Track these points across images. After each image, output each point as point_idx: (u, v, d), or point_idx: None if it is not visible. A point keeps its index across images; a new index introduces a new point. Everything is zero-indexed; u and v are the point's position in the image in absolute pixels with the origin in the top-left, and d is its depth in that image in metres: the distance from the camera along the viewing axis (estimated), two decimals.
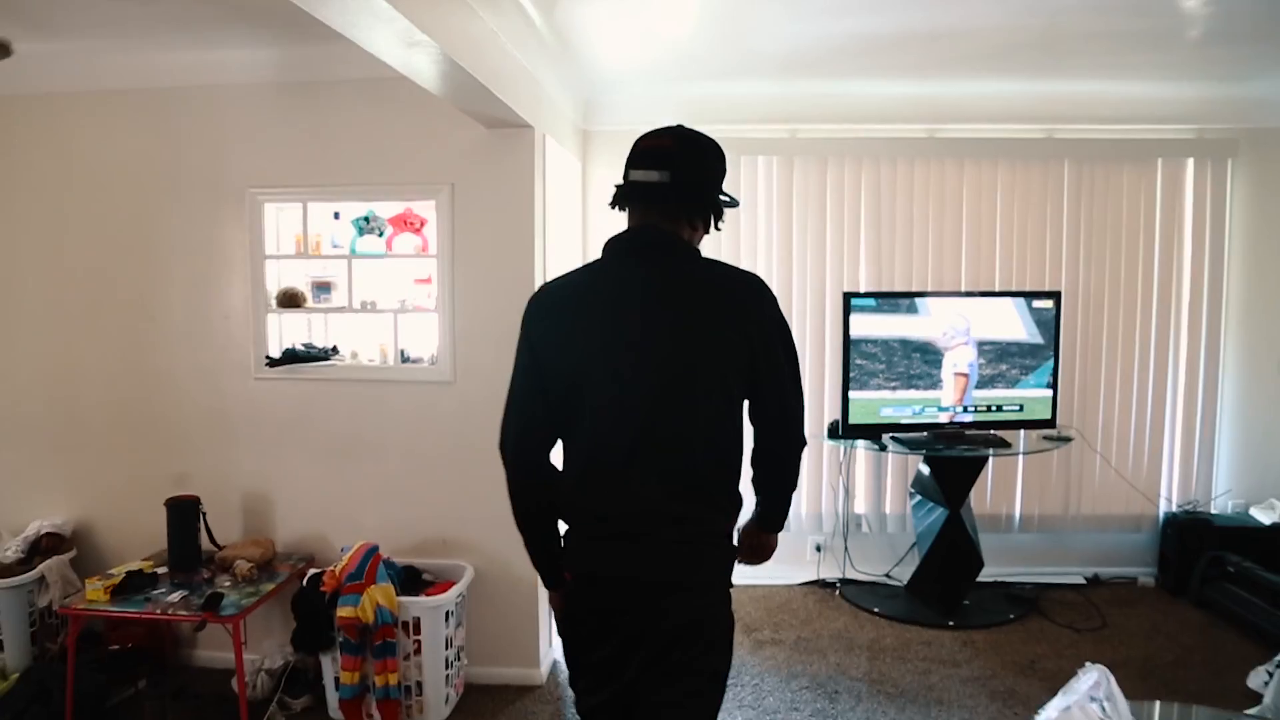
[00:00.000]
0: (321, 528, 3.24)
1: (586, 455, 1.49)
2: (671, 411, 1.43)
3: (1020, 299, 3.80)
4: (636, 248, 1.51)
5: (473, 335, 3.10)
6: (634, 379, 1.44)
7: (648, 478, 1.44)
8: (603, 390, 1.45)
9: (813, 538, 4.22)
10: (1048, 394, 3.83)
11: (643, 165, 1.50)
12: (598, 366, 1.46)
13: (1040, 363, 3.79)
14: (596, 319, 1.47)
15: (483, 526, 3.15)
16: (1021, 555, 4.21)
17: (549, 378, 1.51)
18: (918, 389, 3.75)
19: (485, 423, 3.10)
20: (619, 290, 1.48)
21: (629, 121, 4.01)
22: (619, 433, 1.44)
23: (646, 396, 1.43)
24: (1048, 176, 4.03)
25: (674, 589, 1.46)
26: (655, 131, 1.55)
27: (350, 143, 3.12)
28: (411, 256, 3.15)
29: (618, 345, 1.45)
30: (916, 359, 3.73)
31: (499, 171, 3.04)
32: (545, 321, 1.53)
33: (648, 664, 1.45)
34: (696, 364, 1.43)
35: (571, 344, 1.48)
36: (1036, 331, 3.78)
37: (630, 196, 1.52)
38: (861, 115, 4.00)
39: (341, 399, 3.18)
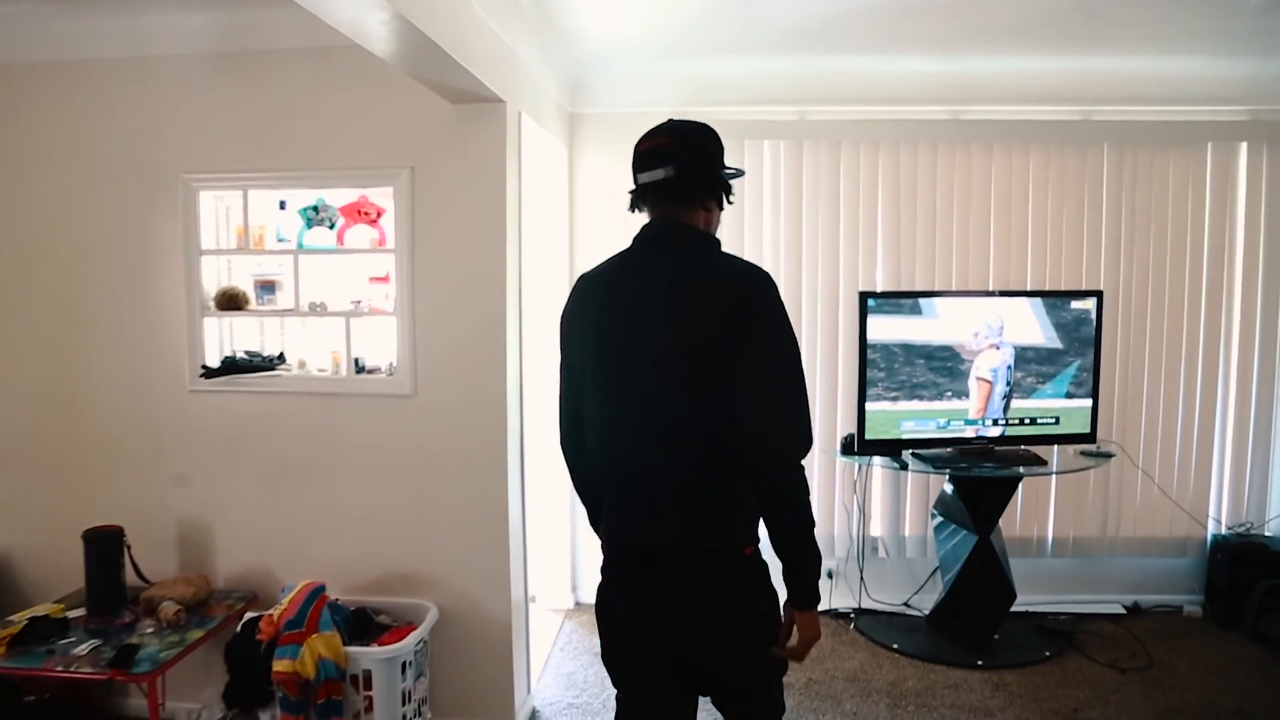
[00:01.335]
0: (266, 561, 2.85)
1: (598, 426, 1.62)
2: (672, 394, 1.51)
3: (1057, 299, 3.39)
4: (652, 238, 1.61)
5: (436, 341, 2.70)
6: (626, 359, 1.55)
7: (654, 447, 1.53)
8: (604, 368, 1.58)
9: (824, 562, 3.80)
10: (1087, 405, 3.43)
11: (646, 166, 1.60)
12: (598, 346, 1.59)
13: (1077, 370, 3.38)
14: (608, 305, 1.59)
15: (449, 560, 2.76)
16: (1054, 582, 3.82)
17: (571, 361, 1.67)
18: (942, 400, 3.35)
19: (451, 441, 2.71)
20: (632, 279, 1.59)
21: (620, 103, 3.68)
22: (617, 408, 1.57)
23: (648, 379, 1.53)
24: (1085, 163, 3.64)
25: (699, 554, 1.54)
26: (650, 133, 1.63)
27: (296, 121, 2.73)
28: (366, 251, 2.76)
29: (614, 328, 1.57)
30: (940, 366, 3.33)
31: (466, 153, 2.65)
32: (574, 306, 1.67)
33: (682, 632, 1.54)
34: (695, 349, 1.49)
35: (586, 325, 1.61)
36: (1075, 335, 3.38)
37: (644, 197, 1.64)
38: (878, 95, 3.61)
39: (288, 414, 2.79)
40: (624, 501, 1.60)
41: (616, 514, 1.62)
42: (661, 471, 1.53)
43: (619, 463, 1.59)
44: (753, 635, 1.57)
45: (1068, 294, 3.42)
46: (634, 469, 1.56)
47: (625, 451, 1.57)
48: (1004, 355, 3.35)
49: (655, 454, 1.53)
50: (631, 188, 1.66)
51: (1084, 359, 3.38)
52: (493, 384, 2.69)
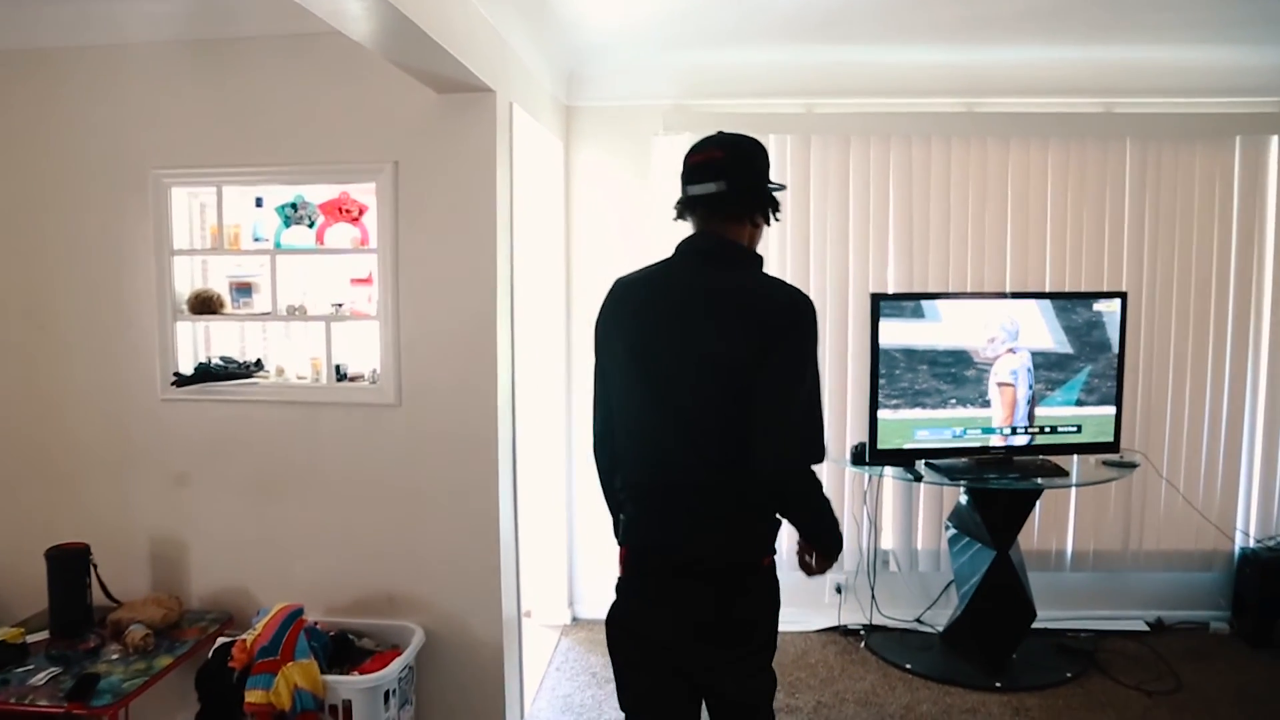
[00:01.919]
0: (243, 580, 2.69)
1: (626, 432, 1.64)
2: (706, 407, 1.52)
3: (1075, 302, 3.22)
4: (697, 251, 1.62)
5: (422, 347, 2.54)
6: (657, 369, 1.56)
7: (683, 455, 1.54)
8: (635, 376, 1.59)
9: (832, 577, 3.65)
10: (1110, 412, 3.25)
11: (697, 179, 1.60)
12: (632, 354, 1.59)
13: (1088, 376, 3.21)
14: (649, 313, 1.59)
15: (436, 579, 2.60)
16: (1073, 597, 3.65)
17: (606, 365, 1.68)
18: (958, 407, 3.17)
19: (438, 453, 2.52)
20: (674, 289, 1.60)
21: (618, 96, 3.52)
22: (646, 415, 1.58)
23: (683, 391, 1.54)
24: (1106, 158, 3.47)
25: (721, 564, 1.56)
26: (702, 144, 1.63)
27: (273, 113, 2.57)
28: (348, 251, 2.59)
29: (650, 338, 1.57)
30: (956, 372, 3.16)
31: (454, 146, 2.48)
32: (611, 311, 1.67)
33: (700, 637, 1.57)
34: (733, 367, 1.50)
35: (625, 335, 1.62)
36: (1086, 340, 3.21)
37: (691, 208, 1.63)
38: (888, 87, 3.45)
39: (265, 424, 2.63)
40: (650, 510, 1.61)
41: (641, 522, 1.63)
42: (690, 482, 1.55)
43: (648, 471, 1.60)
44: (763, 647, 1.63)
45: (1091, 295, 3.25)
46: (663, 478, 1.58)
47: (655, 460, 1.58)
48: (1022, 359, 3.18)
49: (685, 464, 1.55)
50: (679, 198, 1.66)
51: (1095, 364, 3.21)
52: (483, 392, 2.52)
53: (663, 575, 1.59)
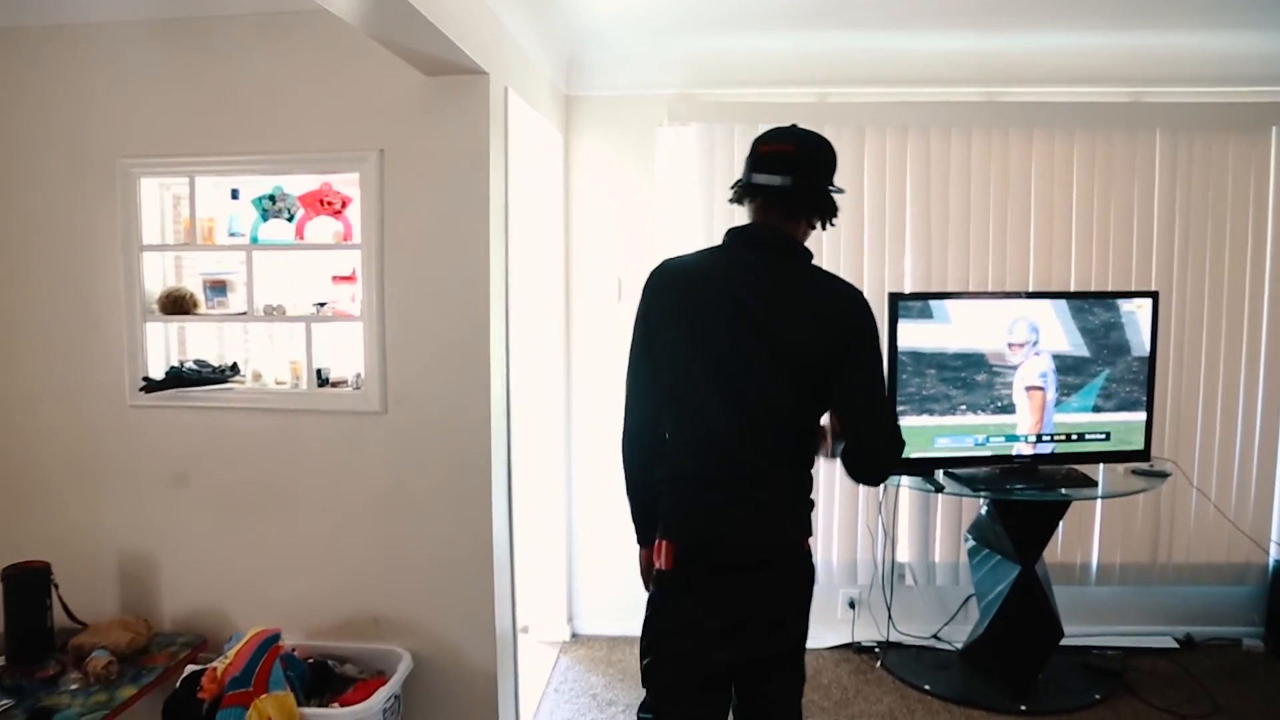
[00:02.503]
0: (218, 600, 2.50)
1: (688, 424, 1.60)
2: (772, 395, 1.55)
3: (1097, 301, 3.04)
4: (756, 243, 1.61)
5: (409, 350, 2.36)
6: (728, 360, 1.55)
7: (742, 443, 1.56)
8: (702, 365, 1.57)
9: (845, 591, 3.47)
10: (1140, 418, 3.07)
11: (766, 169, 1.60)
12: (699, 343, 1.57)
13: (1105, 381, 3.03)
14: (712, 299, 1.57)
15: (425, 600, 2.42)
16: (1099, 613, 3.47)
17: (657, 350, 1.62)
18: (981, 414, 2.99)
19: (427, 464, 2.33)
20: (736, 277, 1.58)
21: (621, 84, 3.34)
22: (713, 407, 1.56)
23: (736, 378, 1.55)
24: (1135, 150, 3.29)
25: (772, 550, 1.60)
26: (776, 134, 1.64)
27: (250, 98, 2.39)
28: (330, 247, 2.41)
29: (719, 327, 1.56)
30: (979, 376, 2.98)
31: (443, 133, 2.30)
32: (662, 297, 1.63)
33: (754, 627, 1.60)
34: (782, 355, 1.54)
35: (681, 319, 1.59)
36: (1103, 342, 3.02)
37: (753, 196, 1.63)
38: (905, 75, 3.27)
39: (242, 433, 2.45)
40: (707, 498, 1.59)
41: (697, 513, 1.60)
42: (752, 469, 1.57)
43: (709, 458, 1.58)
44: (802, 629, 1.68)
45: (1121, 295, 3.07)
46: (724, 466, 1.57)
47: (718, 447, 1.57)
48: (1045, 362, 3.00)
49: (748, 451, 1.56)
50: (740, 181, 1.65)
51: (1114, 367, 3.03)
52: (475, 397, 2.34)
53: (717, 565, 1.58)
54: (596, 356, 3.38)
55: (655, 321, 1.62)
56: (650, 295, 1.64)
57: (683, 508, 1.61)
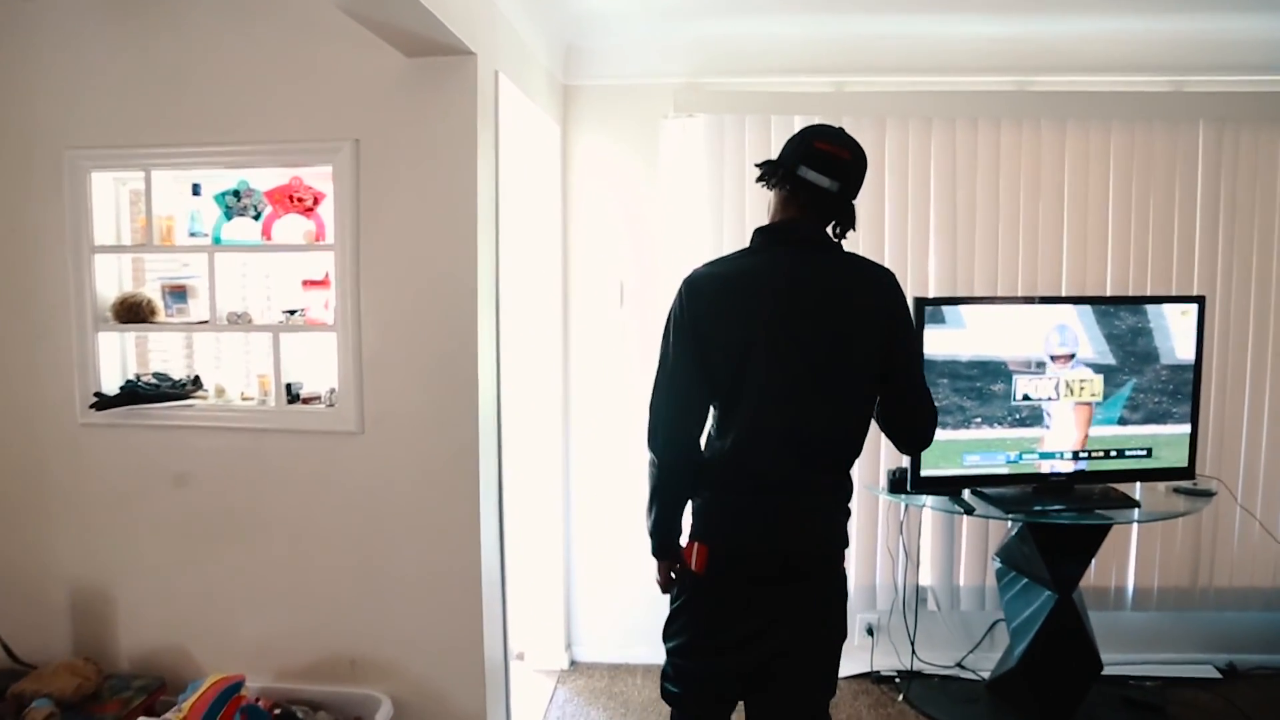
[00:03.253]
0: (179, 637, 2.28)
1: (745, 428, 1.57)
2: (821, 391, 1.56)
3: (1136, 306, 2.80)
4: (795, 239, 1.61)
5: (388, 362, 2.13)
6: (791, 358, 1.55)
7: (796, 450, 1.56)
8: (765, 367, 1.55)
9: (863, 616, 3.25)
10: (1183, 432, 2.84)
11: (819, 168, 1.58)
12: (761, 345, 1.55)
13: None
14: (763, 301, 1.56)
15: (406, 640, 2.19)
16: (1135, 640, 3.24)
17: (712, 356, 1.58)
18: (1013, 428, 2.76)
19: (408, 489, 2.10)
20: (789, 276, 1.57)
21: (623, 73, 3.12)
22: (776, 408, 1.56)
23: (802, 375, 1.55)
24: (1176, 143, 3.07)
25: (815, 560, 1.61)
26: (834, 136, 1.62)
27: (211, 82, 2.17)
28: (300, 248, 2.18)
29: (779, 326, 1.55)
30: (1010, 387, 2.74)
31: (426, 121, 2.07)
32: (712, 303, 1.59)
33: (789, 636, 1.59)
34: (845, 350, 1.56)
35: (737, 323, 1.56)
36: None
37: (794, 189, 1.60)
38: (930, 64, 3.05)
39: (205, 454, 2.22)
40: (759, 506, 1.57)
41: (744, 518, 1.58)
42: (807, 475, 1.57)
43: (765, 464, 1.56)
44: (842, 637, 1.71)
45: (1164, 300, 2.83)
46: (780, 472, 1.56)
47: (775, 453, 1.56)
48: (1087, 373, 2.77)
49: (804, 455, 1.57)
50: (776, 164, 1.63)
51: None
52: (462, 415, 2.11)
53: (762, 572, 1.57)
54: (597, 366, 3.16)
55: (709, 328, 1.56)
56: (698, 302, 1.58)
57: (725, 515, 1.59)
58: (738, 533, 1.58)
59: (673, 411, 1.60)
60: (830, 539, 1.62)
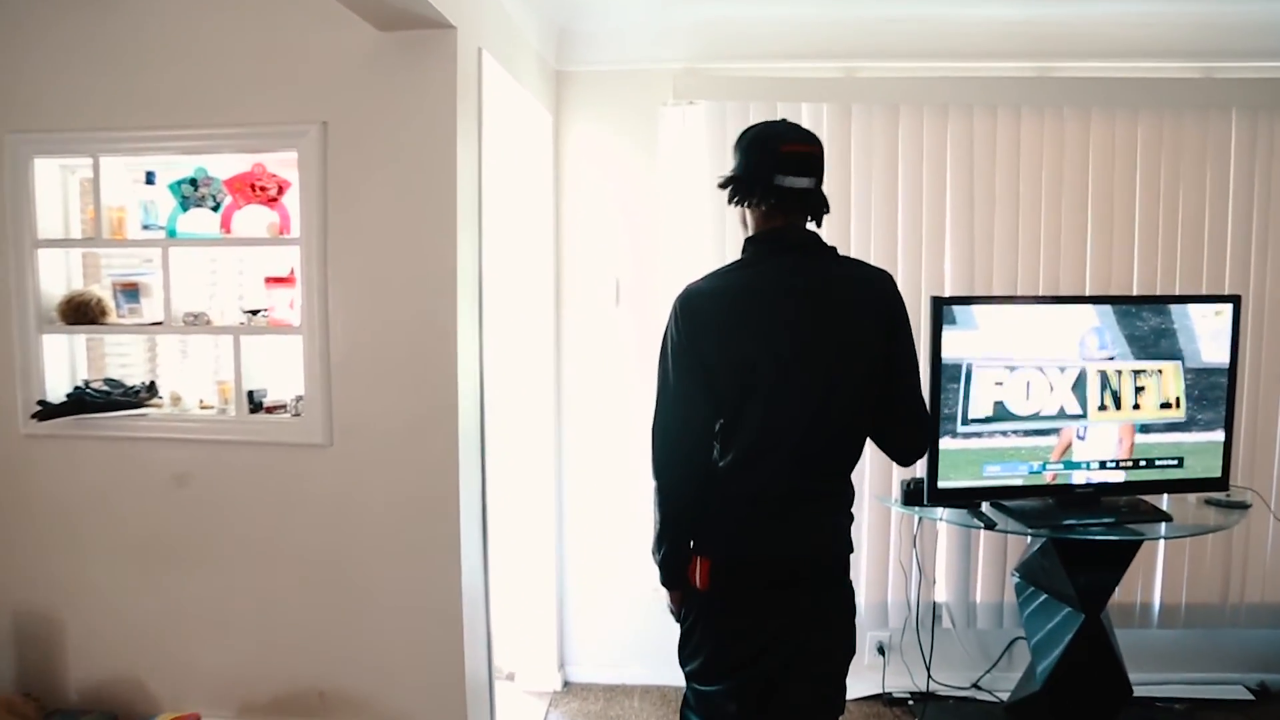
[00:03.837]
0: (134, 668, 2.11)
1: (750, 444, 1.56)
2: (826, 402, 1.55)
3: (1180, 306, 2.62)
4: (789, 247, 1.60)
5: (359, 367, 1.95)
6: (798, 369, 1.54)
7: (800, 462, 1.56)
8: (770, 383, 1.54)
9: (874, 635, 3.07)
10: (1216, 439, 2.65)
11: (794, 171, 1.57)
12: (766, 361, 1.54)
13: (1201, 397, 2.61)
14: (764, 316, 1.56)
15: (380, 669, 2.01)
16: (1162, 659, 3.07)
17: (716, 377, 1.56)
18: (1039, 436, 2.57)
19: (381, 507, 1.92)
20: (778, 287, 1.57)
21: (620, 58, 2.95)
22: (782, 423, 1.55)
23: (807, 388, 1.54)
24: (1207, 132, 2.89)
25: (819, 563, 1.61)
26: (797, 134, 1.61)
27: (165, 61, 2.02)
28: (263, 242, 2.00)
29: (782, 341, 1.54)
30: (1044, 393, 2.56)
31: (400, 102, 1.90)
32: (711, 322, 1.57)
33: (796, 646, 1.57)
34: (848, 358, 1.56)
35: (739, 341, 1.55)
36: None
37: (780, 200, 1.59)
38: (945, 48, 2.88)
39: (160, 468, 2.04)
40: (759, 515, 1.56)
41: (745, 527, 1.57)
42: (812, 485, 1.57)
43: (769, 477, 1.55)
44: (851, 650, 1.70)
45: (1196, 299, 2.65)
46: (786, 483, 1.56)
47: (780, 466, 1.55)
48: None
49: (808, 469, 1.56)
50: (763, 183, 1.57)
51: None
52: (440, 424, 1.94)
53: (771, 583, 1.56)
54: (592, 368, 2.97)
55: (710, 349, 1.53)
56: (696, 321, 1.55)
57: (733, 528, 1.57)
58: (739, 542, 1.57)
59: (679, 438, 1.57)
60: (833, 544, 1.62)
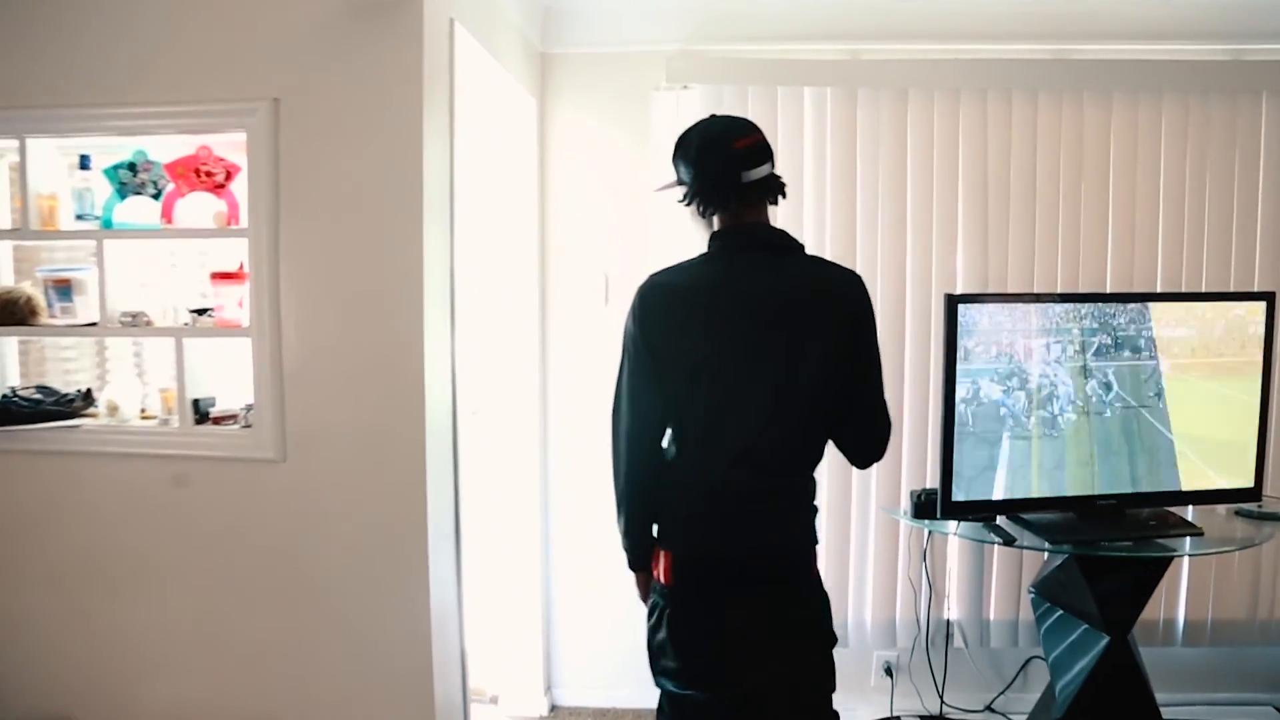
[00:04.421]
0: (67, 706, 1.93)
1: (701, 436, 1.56)
2: (782, 401, 1.54)
3: (1207, 304, 2.44)
4: (758, 244, 1.59)
5: (316, 373, 1.77)
6: (750, 366, 1.54)
7: (753, 460, 1.54)
8: (723, 380, 1.54)
9: (881, 654, 2.89)
10: (1247, 444, 2.47)
11: (754, 164, 1.57)
12: (719, 358, 1.54)
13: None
14: (720, 312, 1.55)
15: (340, 702, 1.84)
16: (1186, 678, 2.90)
17: (666, 370, 1.56)
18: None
19: (339, 529, 1.73)
20: (740, 283, 1.55)
21: (609, 40, 2.77)
22: (733, 416, 1.54)
23: (762, 387, 1.53)
24: (1236, 117, 2.72)
25: (779, 560, 1.59)
26: (741, 127, 1.60)
27: (99, 30, 1.80)
28: (209, 234, 1.80)
29: (739, 338, 1.54)
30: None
31: (360, 77, 1.72)
32: (665, 317, 1.57)
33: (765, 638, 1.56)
34: (808, 358, 1.54)
35: (692, 337, 1.55)
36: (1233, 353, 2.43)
37: (742, 195, 1.58)
38: (957, 29, 2.72)
39: (96, 486, 1.87)
40: (719, 510, 1.55)
41: (706, 523, 1.56)
42: (771, 481, 1.56)
43: (727, 474, 1.54)
44: (829, 641, 1.64)
45: (1227, 296, 2.49)
46: (743, 480, 1.54)
47: (735, 462, 1.54)
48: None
49: (768, 463, 1.55)
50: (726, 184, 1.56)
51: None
52: (406, 435, 1.77)
53: (732, 579, 1.55)
54: (579, 372, 2.79)
55: (660, 344, 1.53)
56: (651, 315, 1.55)
57: (690, 520, 1.57)
58: (700, 536, 1.57)
59: (632, 425, 1.58)
60: (791, 540, 1.61)
